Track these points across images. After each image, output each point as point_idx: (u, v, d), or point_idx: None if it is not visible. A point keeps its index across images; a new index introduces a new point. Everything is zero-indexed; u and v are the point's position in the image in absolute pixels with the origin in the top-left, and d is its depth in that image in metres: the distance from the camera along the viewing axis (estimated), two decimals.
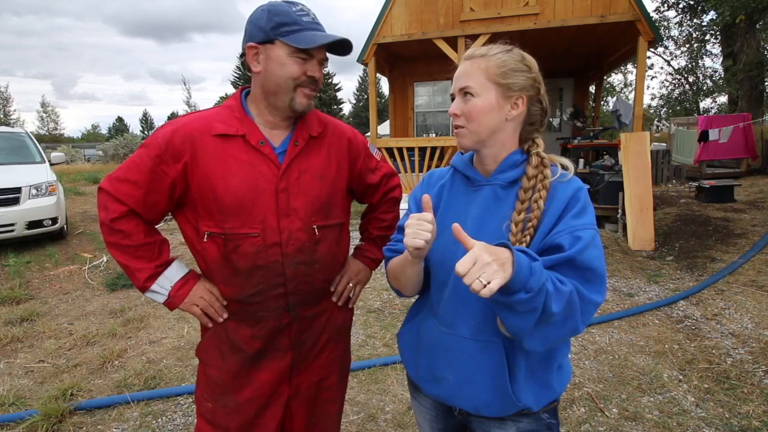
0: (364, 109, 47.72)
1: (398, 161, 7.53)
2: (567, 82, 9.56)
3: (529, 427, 0.98)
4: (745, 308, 3.54)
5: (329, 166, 1.22)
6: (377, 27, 7.26)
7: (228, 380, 1.21)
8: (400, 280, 1.03)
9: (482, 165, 1.03)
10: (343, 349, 1.38)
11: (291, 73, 1.08)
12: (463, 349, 0.96)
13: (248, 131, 1.13)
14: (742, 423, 2.19)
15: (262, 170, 1.12)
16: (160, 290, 1.15)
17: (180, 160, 1.09)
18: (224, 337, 1.21)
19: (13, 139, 6.88)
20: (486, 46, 0.99)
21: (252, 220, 1.11)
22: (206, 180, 1.10)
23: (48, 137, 47.83)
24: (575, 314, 0.82)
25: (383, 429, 2.26)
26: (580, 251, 0.83)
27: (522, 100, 0.96)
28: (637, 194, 5.55)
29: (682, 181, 10.69)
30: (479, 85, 0.95)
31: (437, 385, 1.01)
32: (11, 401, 2.51)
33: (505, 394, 0.93)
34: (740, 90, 14.15)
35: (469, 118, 0.96)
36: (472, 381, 0.95)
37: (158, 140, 1.10)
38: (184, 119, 1.15)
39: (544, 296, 0.77)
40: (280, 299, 1.17)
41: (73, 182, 14.69)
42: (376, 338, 3.26)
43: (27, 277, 4.87)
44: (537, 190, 0.92)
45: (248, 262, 1.13)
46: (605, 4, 6.19)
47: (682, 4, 16.67)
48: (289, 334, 1.21)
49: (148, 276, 1.14)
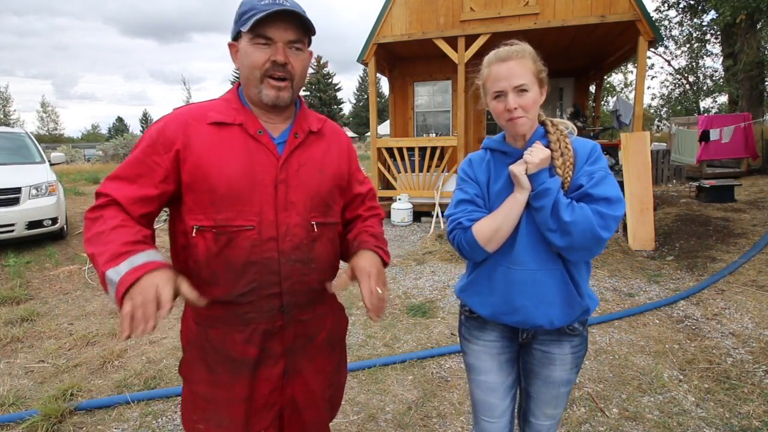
0: (364, 109, 47.70)
1: (398, 161, 7.53)
2: (567, 81, 9.56)
3: (578, 342, 1.31)
4: (746, 308, 3.54)
5: (329, 161, 1.18)
6: (377, 27, 7.26)
7: (220, 395, 1.11)
8: (500, 231, 1.21)
9: (515, 142, 1.29)
10: (337, 362, 1.30)
11: (253, 62, 1.03)
12: (535, 279, 1.22)
13: (246, 120, 1.08)
14: (743, 423, 2.19)
15: (260, 159, 1.07)
16: (114, 276, 0.90)
17: (171, 149, 1.03)
18: (208, 348, 1.12)
19: (13, 139, 6.87)
20: (519, 46, 1.22)
21: (248, 211, 1.05)
22: (199, 168, 1.03)
23: (48, 137, 47.87)
24: (594, 227, 1.12)
25: (383, 429, 2.26)
26: (593, 186, 1.16)
27: (544, 90, 1.25)
28: (638, 194, 5.54)
29: (683, 181, 10.69)
30: (530, 81, 1.19)
31: (516, 314, 1.25)
32: (11, 401, 2.51)
33: (574, 302, 1.24)
34: (740, 90, 14.15)
35: (527, 109, 1.19)
36: (546, 301, 1.23)
37: (150, 132, 1.06)
38: (178, 110, 1.11)
39: (550, 199, 1.15)
40: (273, 299, 1.10)
41: (73, 182, 14.68)
42: (376, 338, 3.26)
43: (27, 277, 4.87)
44: (561, 140, 1.23)
45: (242, 257, 1.05)
46: (605, 4, 6.19)
47: (683, 3, 16.67)
48: (282, 339, 1.13)
49: (108, 257, 0.92)
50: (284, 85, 1.06)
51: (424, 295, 4.12)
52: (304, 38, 1.07)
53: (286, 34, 1.03)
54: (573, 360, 1.32)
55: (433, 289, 4.26)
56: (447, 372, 2.77)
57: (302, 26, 1.05)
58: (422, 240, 6.18)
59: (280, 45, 1.03)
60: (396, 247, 5.91)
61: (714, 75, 19.44)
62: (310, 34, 1.09)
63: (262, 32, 1.01)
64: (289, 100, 1.09)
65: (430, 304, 3.87)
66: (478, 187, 1.31)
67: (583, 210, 1.13)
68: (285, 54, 1.03)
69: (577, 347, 1.32)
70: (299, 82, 1.09)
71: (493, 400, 1.36)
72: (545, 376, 1.33)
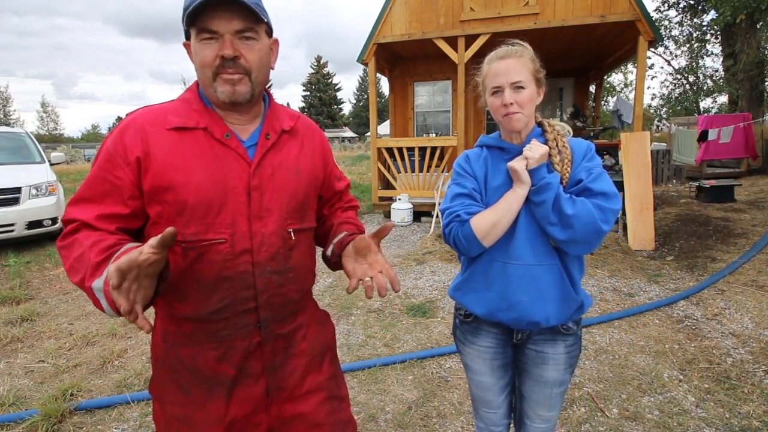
0: (364, 109, 47.71)
1: (398, 161, 7.53)
2: (567, 81, 9.56)
3: (572, 342, 1.33)
4: (746, 308, 3.54)
5: (305, 161, 1.10)
6: (377, 27, 7.25)
7: (195, 416, 1.03)
8: (498, 225, 1.23)
9: (511, 139, 1.32)
10: (329, 373, 1.19)
11: (202, 60, 0.94)
12: (532, 274, 1.24)
13: (210, 123, 0.98)
14: (743, 423, 2.19)
15: (229, 166, 0.98)
16: (99, 284, 0.84)
17: (130, 160, 0.94)
18: (179, 368, 1.03)
19: (13, 139, 6.88)
20: (519, 46, 1.26)
21: (219, 223, 0.96)
22: (162, 178, 0.94)
23: (48, 137, 47.88)
24: (595, 220, 1.16)
25: (383, 429, 2.26)
26: (592, 181, 1.21)
27: (542, 90, 1.29)
28: (638, 194, 5.54)
29: (683, 181, 10.69)
30: (527, 79, 1.23)
31: (512, 310, 1.26)
32: (11, 401, 2.51)
33: (569, 298, 1.25)
34: (740, 90, 14.15)
35: (522, 105, 1.23)
36: (543, 296, 1.24)
37: (106, 145, 0.97)
38: (133, 114, 1.00)
39: (552, 193, 1.18)
40: (249, 315, 1.01)
41: (73, 182, 14.67)
42: (376, 338, 3.26)
43: (27, 277, 4.87)
44: (558, 140, 1.27)
45: (212, 273, 0.97)
46: (605, 4, 6.18)
47: (683, 3, 16.68)
48: (262, 356, 1.05)
49: (90, 273, 0.86)
50: (238, 78, 0.95)
51: (424, 295, 4.12)
52: (255, 26, 0.96)
53: (231, 24, 0.92)
54: (566, 360, 1.33)
55: (433, 289, 4.26)
56: (447, 372, 2.77)
57: (249, 13, 0.93)
58: (422, 240, 6.19)
59: (227, 37, 0.92)
60: (396, 247, 5.91)
61: (714, 75, 19.45)
62: (261, 21, 0.97)
63: (204, 26, 0.92)
64: (248, 95, 0.98)
65: (430, 304, 3.87)
66: (475, 181, 1.32)
67: (585, 203, 1.17)
68: (233, 46, 0.93)
69: (571, 347, 1.33)
70: (259, 75, 0.98)
71: (489, 396, 1.42)
72: (538, 376, 1.34)
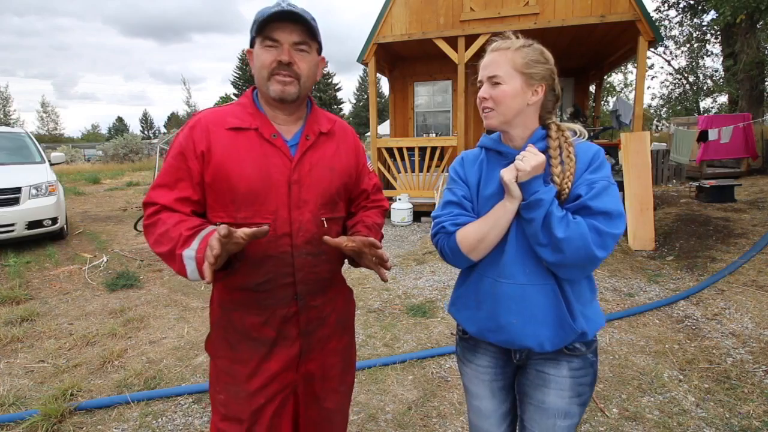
0: (364, 109, 47.66)
1: (398, 161, 7.53)
2: (567, 81, 9.56)
3: (579, 365, 1.16)
4: (746, 308, 3.54)
5: (338, 159, 1.27)
6: (377, 27, 7.26)
7: (238, 370, 1.23)
8: (486, 240, 1.13)
9: (511, 142, 1.20)
10: (347, 341, 1.41)
11: (262, 62, 1.13)
12: (523, 294, 1.12)
13: (261, 124, 1.18)
14: (743, 423, 2.19)
15: (275, 162, 1.16)
16: (190, 252, 1.05)
17: (198, 152, 1.14)
18: (230, 329, 1.24)
19: (13, 139, 6.88)
20: (510, 40, 1.16)
21: (264, 210, 1.15)
22: (221, 169, 1.13)
23: (48, 137, 47.83)
24: (588, 245, 1.02)
25: (383, 429, 2.26)
26: (592, 198, 1.06)
27: (542, 88, 1.15)
28: (638, 194, 5.55)
29: (683, 181, 10.70)
30: (506, 74, 1.12)
31: (501, 332, 1.15)
32: (11, 401, 2.51)
33: (565, 324, 1.11)
34: (740, 90, 14.15)
35: (497, 102, 1.13)
36: (535, 319, 1.12)
37: (179, 139, 1.17)
38: (200, 114, 1.20)
39: (542, 211, 1.05)
40: (288, 288, 1.21)
41: (73, 182, 14.69)
42: (376, 338, 3.26)
43: (27, 277, 4.87)
44: (564, 148, 1.13)
45: (258, 252, 1.15)
46: (605, 4, 6.19)
47: (683, 3, 16.67)
48: (298, 323, 1.24)
49: (181, 244, 1.06)
50: (289, 80, 1.13)
51: (424, 295, 4.12)
52: (310, 41, 1.16)
53: (291, 36, 1.12)
54: (572, 386, 1.16)
55: (433, 289, 4.26)
56: (447, 372, 2.77)
57: (307, 30, 1.14)
58: (422, 240, 6.18)
59: (285, 46, 1.12)
60: (396, 247, 5.91)
61: (714, 75, 19.44)
62: (315, 39, 1.17)
63: (269, 35, 1.11)
64: (295, 96, 1.16)
65: (430, 304, 3.87)
66: (467, 188, 1.23)
67: (579, 226, 1.03)
68: (290, 54, 1.12)
69: (578, 371, 1.16)
70: (306, 81, 1.17)
71: (487, 427, 1.28)
72: (539, 401, 1.18)
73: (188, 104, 45.32)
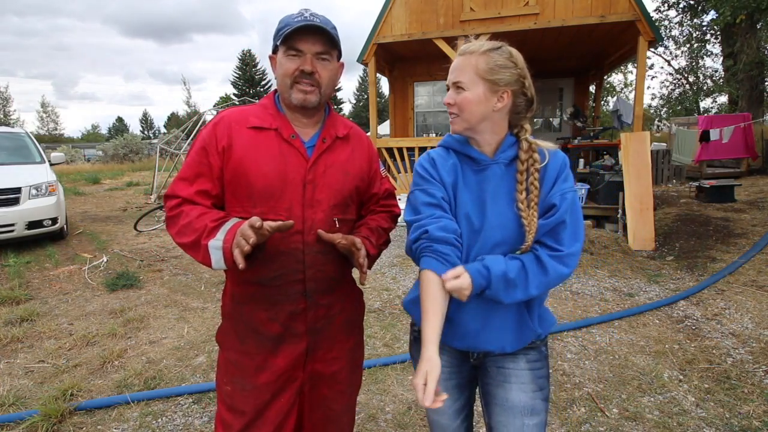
0: (364, 109, 47.67)
1: (398, 161, 7.53)
2: (567, 82, 9.55)
3: (535, 357, 1.20)
4: (746, 308, 3.54)
5: (353, 163, 1.31)
6: (377, 27, 7.25)
7: (246, 363, 1.26)
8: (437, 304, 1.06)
9: (479, 147, 1.17)
10: (354, 342, 1.43)
11: (285, 70, 1.18)
12: (488, 302, 1.11)
13: (281, 125, 1.22)
14: (743, 423, 2.19)
15: (292, 161, 1.20)
16: (216, 243, 1.10)
17: (220, 148, 1.19)
18: (240, 322, 1.28)
19: (13, 139, 6.88)
20: (478, 42, 1.13)
21: (279, 207, 1.19)
22: (240, 165, 1.18)
23: (48, 137, 47.83)
24: (560, 276, 1.06)
25: (383, 429, 2.26)
26: (566, 211, 1.07)
27: (507, 94, 1.10)
28: (638, 194, 5.55)
29: (683, 181, 10.70)
30: (469, 80, 1.10)
31: (465, 339, 1.17)
32: (11, 401, 2.51)
33: (526, 327, 1.15)
34: (740, 90, 14.15)
35: (461, 108, 1.11)
36: (498, 326, 1.14)
37: (203, 135, 1.22)
38: (224, 112, 1.25)
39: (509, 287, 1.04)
40: (297, 284, 1.23)
41: (73, 182, 14.70)
42: (376, 338, 3.26)
43: (27, 277, 4.87)
44: (531, 173, 1.10)
45: (271, 247, 1.18)
46: (605, 4, 6.18)
47: (683, 3, 16.66)
48: (305, 320, 1.26)
49: (206, 234, 1.11)
50: (311, 89, 1.18)
51: None
52: (331, 51, 1.20)
53: (314, 47, 1.17)
54: (531, 378, 1.18)
55: None
56: None
57: (329, 40, 1.18)
58: None
59: (308, 56, 1.17)
60: (396, 247, 5.91)
61: (714, 75, 19.44)
62: (336, 48, 1.22)
63: (293, 45, 1.16)
64: (316, 103, 1.20)
65: None
66: (443, 189, 1.15)
67: (546, 274, 1.05)
68: (312, 64, 1.17)
69: (535, 363, 1.20)
70: (327, 89, 1.22)
71: (444, 420, 1.29)
72: (503, 399, 1.19)
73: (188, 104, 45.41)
